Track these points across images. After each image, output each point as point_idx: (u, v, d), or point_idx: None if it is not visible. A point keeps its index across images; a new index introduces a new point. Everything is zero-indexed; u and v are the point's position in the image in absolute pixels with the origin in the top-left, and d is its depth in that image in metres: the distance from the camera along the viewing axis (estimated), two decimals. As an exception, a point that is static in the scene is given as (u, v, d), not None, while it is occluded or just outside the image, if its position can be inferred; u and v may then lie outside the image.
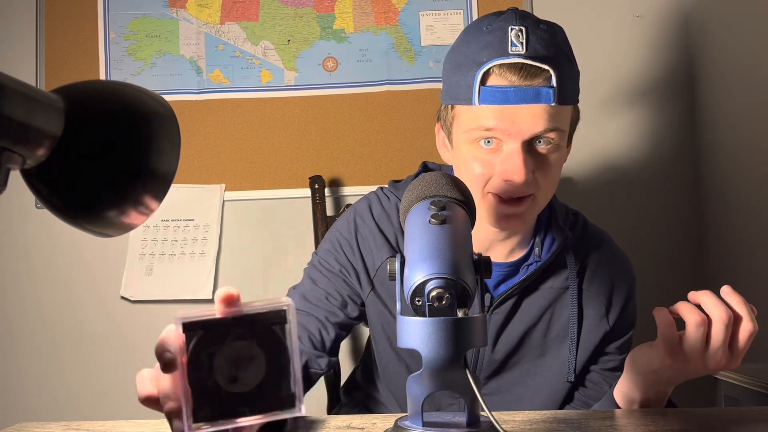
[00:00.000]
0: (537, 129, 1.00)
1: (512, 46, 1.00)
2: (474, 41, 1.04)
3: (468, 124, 1.03)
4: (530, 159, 1.01)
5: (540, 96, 0.99)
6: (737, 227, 1.82)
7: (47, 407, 2.04)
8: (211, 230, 2.05)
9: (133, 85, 0.58)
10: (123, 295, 2.04)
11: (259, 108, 2.08)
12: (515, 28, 1.01)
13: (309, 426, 0.89)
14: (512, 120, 1.00)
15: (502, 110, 1.00)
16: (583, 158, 2.05)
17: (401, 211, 0.83)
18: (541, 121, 1.00)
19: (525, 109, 1.00)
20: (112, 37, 2.09)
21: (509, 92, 0.99)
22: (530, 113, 1.00)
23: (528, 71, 0.99)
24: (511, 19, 1.03)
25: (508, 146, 1.01)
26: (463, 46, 1.06)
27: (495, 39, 1.01)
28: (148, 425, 0.92)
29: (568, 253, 1.15)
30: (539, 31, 1.02)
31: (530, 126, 1.00)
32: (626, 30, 2.07)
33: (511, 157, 1.00)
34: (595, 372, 1.17)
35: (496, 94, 1.00)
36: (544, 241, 1.15)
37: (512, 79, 1.00)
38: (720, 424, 0.85)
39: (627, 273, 1.20)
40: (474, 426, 0.70)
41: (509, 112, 1.00)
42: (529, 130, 1.00)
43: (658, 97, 2.06)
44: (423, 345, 0.66)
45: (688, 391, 1.97)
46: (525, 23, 1.02)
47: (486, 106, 1.00)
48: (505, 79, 1.00)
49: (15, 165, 0.48)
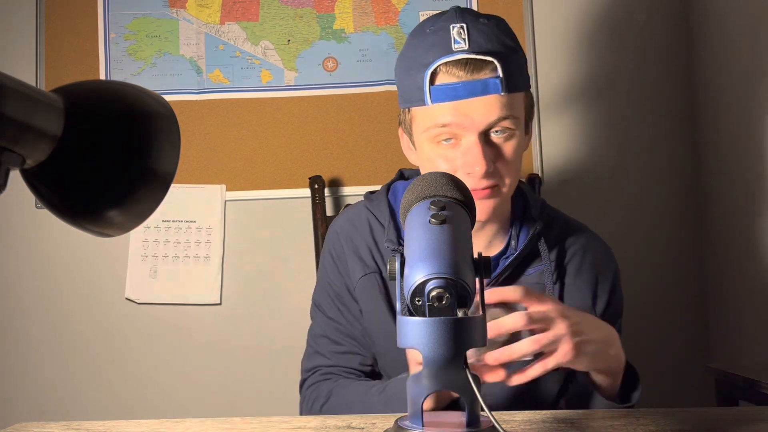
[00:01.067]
0: (491, 119, 1.05)
1: (455, 44, 1.05)
2: (419, 44, 1.09)
3: (425, 123, 1.08)
4: (488, 149, 1.06)
5: (488, 87, 1.04)
6: (737, 227, 1.82)
7: (47, 407, 2.04)
8: (214, 233, 2.05)
9: (133, 85, 0.58)
10: (128, 297, 2.04)
11: (259, 108, 2.08)
12: (456, 26, 1.06)
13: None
14: (465, 113, 1.05)
15: (454, 106, 1.05)
16: (583, 159, 2.05)
17: (401, 211, 0.83)
18: (494, 110, 1.05)
19: (476, 101, 1.04)
20: (112, 37, 2.09)
21: (458, 88, 1.04)
22: (482, 105, 1.04)
23: (473, 65, 1.04)
24: (452, 18, 1.08)
25: (466, 140, 1.06)
26: (410, 51, 1.11)
27: (439, 39, 1.07)
28: (148, 425, 0.92)
29: (540, 243, 1.17)
30: (480, 25, 1.07)
31: (484, 117, 1.05)
32: (626, 31, 2.07)
33: (470, 149, 1.05)
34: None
35: (446, 91, 1.05)
36: (519, 234, 1.18)
37: (459, 74, 1.05)
38: (720, 424, 0.85)
39: (610, 262, 1.22)
40: (474, 426, 0.70)
41: (462, 106, 1.05)
42: (483, 121, 1.05)
43: (657, 97, 2.06)
44: (423, 345, 0.66)
45: (688, 391, 1.98)
46: (465, 20, 1.07)
47: (439, 104, 1.05)
48: (452, 75, 1.05)
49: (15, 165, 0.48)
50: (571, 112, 2.07)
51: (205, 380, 2.04)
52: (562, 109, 2.06)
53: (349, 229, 1.23)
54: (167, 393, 2.04)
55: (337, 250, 1.23)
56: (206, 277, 2.04)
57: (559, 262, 1.18)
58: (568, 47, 2.08)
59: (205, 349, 2.05)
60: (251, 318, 2.05)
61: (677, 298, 2.02)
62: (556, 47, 2.07)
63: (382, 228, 1.20)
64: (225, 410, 2.01)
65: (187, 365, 2.05)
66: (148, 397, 2.04)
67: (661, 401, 1.96)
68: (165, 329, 2.05)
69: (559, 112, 2.06)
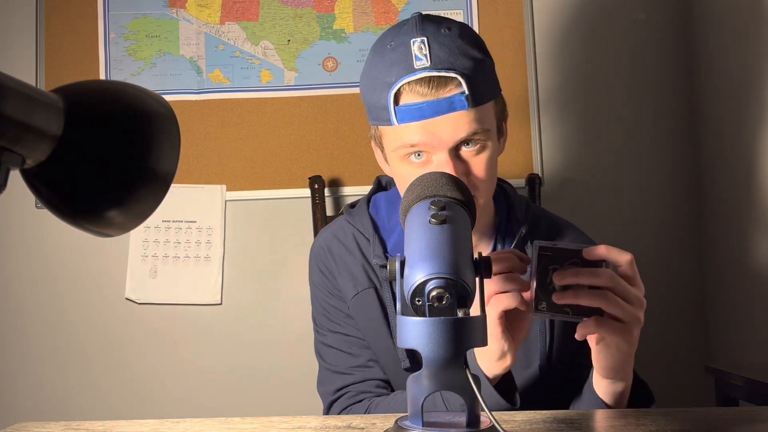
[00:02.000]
0: (459, 136, 1.02)
1: (417, 60, 1.02)
2: (381, 61, 1.06)
3: (394, 143, 1.06)
4: (460, 165, 1.04)
5: (454, 104, 1.01)
6: (737, 227, 1.82)
7: (47, 407, 2.04)
8: (214, 233, 2.05)
9: (133, 85, 0.58)
10: (129, 297, 2.04)
11: (259, 108, 2.08)
12: (417, 41, 1.03)
13: None
14: (433, 132, 1.02)
15: (421, 126, 1.02)
16: (583, 159, 2.05)
17: (401, 211, 0.83)
18: (462, 127, 1.02)
19: (443, 119, 1.02)
20: (112, 37, 2.09)
21: (423, 107, 1.02)
22: (449, 122, 1.02)
23: (437, 83, 1.01)
24: (412, 31, 1.04)
25: (437, 157, 1.04)
26: (372, 68, 1.08)
27: (400, 56, 1.03)
28: (148, 425, 0.92)
29: (527, 246, 1.16)
30: (441, 37, 1.04)
31: (452, 135, 1.02)
32: (626, 31, 2.07)
33: (440, 167, 1.02)
34: (578, 364, 1.16)
35: (411, 111, 1.02)
36: (505, 236, 1.17)
37: (423, 92, 1.02)
38: (720, 424, 0.85)
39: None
40: (474, 426, 0.69)
41: (428, 125, 1.02)
42: (452, 139, 1.02)
43: (657, 97, 2.06)
44: (423, 345, 0.66)
45: (688, 391, 1.97)
46: (426, 33, 1.04)
47: (401, 126, 1.03)
48: (416, 94, 1.02)
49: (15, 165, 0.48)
50: (571, 112, 2.06)
51: (205, 380, 2.04)
52: (562, 109, 2.06)
53: (337, 246, 1.20)
54: (167, 393, 2.04)
55: (328, 266, 1.20)
56: (207, 277, 2.04)
57: None
58: (567, 47, 2.07)
59: (205, 349, 2.05)
60: (251, 318, 2.05)
61: (677, 298, 2.02)
62: (556, 47, 2.07)
63: (369, 242, 1.18)
64: (225, 410, 2.01)
65: (187, 365, 2.05)
66: (148, 397, 2.04)
67: (661, 401, 1.96)
68: (165, 329, 2.05)
69: (559, 112, 2.06)
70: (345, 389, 1.16)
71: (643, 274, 0.90)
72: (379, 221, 1.21)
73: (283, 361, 2.02)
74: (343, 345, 1.18)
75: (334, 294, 1.20)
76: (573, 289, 0.86)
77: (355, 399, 1.15)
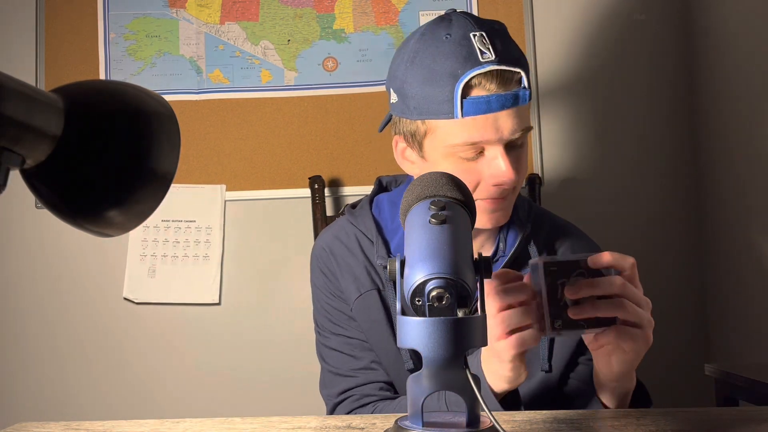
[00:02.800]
0: (517, 131, 1.04)
1: (482, 54, 1.03)
2: (439, 53, 1.04)
3: (451, 140, 1.04)
4: (513, 159, 1.06)
5: (518, 99, 1.04)
6: (737, 227, 1.82)
7: (47, 407, 2.04)
8: (213, 232, 2.05)
9: (133, 85, 0.58)
10: (126, 297, 2.04)
11: (259, 108, 2.08)
12: (477, 34, 1.04)
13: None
14: (496, 127, 1.03)
15: (485, 120, 1.03)
16: (583, 159, 2.05)
17: (401, 211, 0.83)
18: (519, 122, 1.04)
19: (506, 114, 1.03)
20: (112, 37, 2.09)
21: (491, 100, 1.02)
22: (510, 117, 1.04)
23: (504, 77, 1.03)
24: (467, 24, 1.05)
25: (491, 151, 1.04)
26: (427, 59, 1.05)
27: (463, 49, 1.03)
28: (148, 425, 0.92)
29: (530, 245, 1.16)
30: (496, 32, 1.06)
31: (513, 129, 1.04)
32: (626, 31, 2.07)
33: (496, 161, 1.04)
34: (580, 363, 1.17)
35: (479, 104, 1.02)
36: (507, 236, 1.17)
37: (491, 87, 1.02)
38: (720, 424, 0.85)
39: None
40: (474, 426, 0.69)
41: (492, 120, 1.03)
42: (510, 134, 1.04)
43: (657, 96, 2.06)
44: (423, 345, 0.66)
45: (688, 391, 1.97)
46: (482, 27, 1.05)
47: (469, 118, 1.03)
48: (484, 88, 1.03)
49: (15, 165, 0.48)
50: (572, 112, 2.07)
51: (204, 380, 2.04)
52: (562, 109, 2.06)
53: (339, 248, 1.20)
54: (167, 393, 2.04)
55: (330, 268, 1.20)
56: (205, 276, 2.04)
57: None
58: (567, 47, 2.07)
59: (205, 349, 2.05)
60: (251, 318, 2.05)
61: (677, 298, 2.02)
62: (556, 47, 2.07)
63: (371, 243, 1.18)
64: (225, 410, 2.01)
65: (186, 365, 2.05)
66: (147, 397, 2.04)
67: (661, 401, 1.96)
68: (164, 329, 2.05)
69: (560, 112, 2.06)
70: (348, 392, 1.16)
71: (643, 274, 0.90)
72: (382, 222, 1.20)
73: (282, 361, 2.02)
74: (345, 347, 1.18)
75: (336, 296, 1.20)
76: (589, 302, 0.85)
77: (360, 403, 1.14)
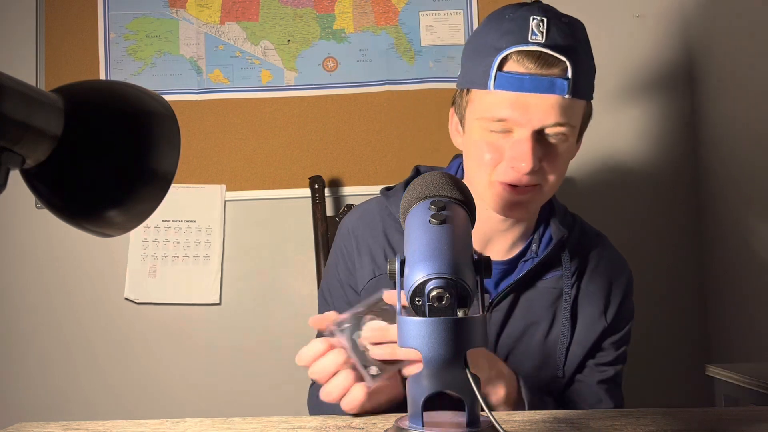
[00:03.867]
0: (548, 121, 1.01)
1: (532, 35, 1.02)
2: (494, 28, 1.05)
3: (481, 112, 1.05)
4: (539, 147, 1.03)
5: (554, 86, 1.01)
6: (737, 227, 1.82)
7: (47, 407, 2.04)
8: (213, 232, 2.05)
9: (133, 85, 0.58)
10: (127, 297, 2.04)
11: (259, 108, 2.08)
12: (537, 18, 1.02)
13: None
14: (525, 109, 1.01)
15: (515, 98, 1.01)
16: (583, 157, 2.05)
17: (401, 210, 0.83)
18: (553, 112, 1.01)
19: (538, 98, 1.01)
20: (112, 37, 2.09)
21: (525, 80, 1.01)
22: (543, 103, 1.01)
23: (545, 60, 1.01)
24: (533, 9, 1.04)
25: (519, 133, 1.03)
26: (483, 33, 1.07)
27: (515, 27, 1.03)
28: (148, 425, 0.91)
29: (563, 252, 1.16)
30: (560, 23, 1.04)
31: (542, 117, 1.01)
32: (626, 30, 2.07)
33: (520, 144, 1.02)
34: (588, 367, 1.18)
35: (512, 80, 1.01)
36: (542, 237, 1.16)
37: (529, 66, 1.01)
38: (720, 424, 0.85)
39: (624, 271, 1.21)
40: (474, 426, 0.69)
41: (522, 99, 1.01)
42: (540, 121, 1.01)
43: (658, 96, 2.06)
44: (423, 345, 0.66)
45: (688, 391, 1.98)
46: (547, 14, 1.04)
47: (500, 92, 1.02)
48: (522, 66, 1.01)
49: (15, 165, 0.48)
50: (571, 112, 2.06)
51: (204, 380, 2.04)
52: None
53: (363, 228, 1.20)
54: (167, 393, 2.04)
55: (348, 249, 1.20)
56: (206, 276, 2.04)
57: (576, 268, 1.17)
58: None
59: (205, 348, 2.05)
60: (251, 318, 2.05)
61: (677, 298, 2.02)
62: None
63: (396, 224, 1.18)
64: (225, 410, 2.01)
65: (186, 365, 2.05)
66: (147, 397, 2.04)
67: (662, 401, 1.96)
68: (164, 329, 2.05)
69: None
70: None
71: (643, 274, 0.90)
72: None
73: (282, 360, 2.01)
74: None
75: (346, 278, 1.20)
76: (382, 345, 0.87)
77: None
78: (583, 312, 1.16)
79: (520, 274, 1.13)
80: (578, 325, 1.15)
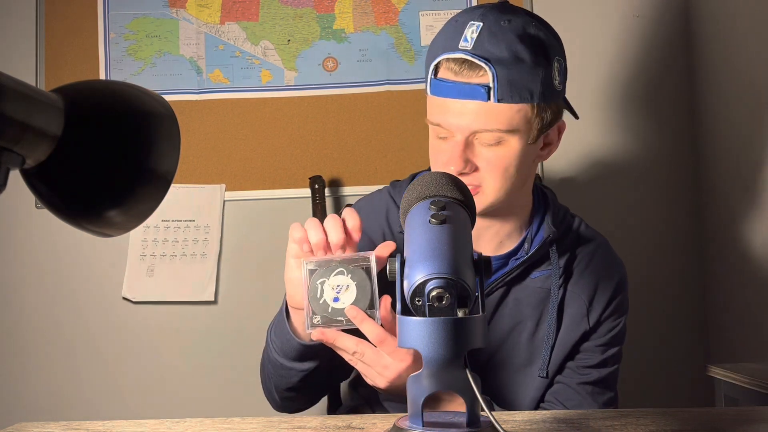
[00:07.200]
0: (472, 126, 1.04)
1: (463, 41, 1.04)
2: (442, 32, 1.10)
3: (427, 117, 1.11)
4: (469, 151, 1.06)
5: (474, 93, 1.03)
6: (737, 227, 1.82)
7: (47, 407, 2.04)
8: (211, 231, 2.05)
9: (132, 85, 0.58)
10: (125, 296, 2.04)
11: (259, 108, 2.08)
12: (474, 24, 1.05)
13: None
14: (450, 115, 1.05)
15: (443, 104, 1.06)
16: (583, 157, 2.05)
17: (401, 210, 0.83)
18: (477, 118, 1.03)
19: (461, 104, 1.04)
20: (112, 37, 2.09)
21: (450, 86, 1.04)
22: (467, 109, 1.04)
23: (468, 67, 1.03)
24: (476, 14, 1.06)
25: (454, 137, 1.06)
26: (436, 36, 1.12)
27: (453, 33, 1.06)
28: (148, 425, 0.92)
29: (551, 250, 1.16)
30: (495, 26, 1.04)
31: (467, 122, 1.04)
32: (626, 30, 2.07)
33: (451, 148, 1.06)
34: (568, 368, 1.17)
35: (440, 86, 1.06)
36: (534, 237, 1.17)
37: (455, 73, 1.04)
38: (720, 424, 0.85)
39: (614, 276, 1.19)
40: (474, 426, 0.70)
41: (448, 106, 1.05)
42: (466, 127, 1.04)
43: (657, 96, 2.06)
44: (423, 345, 0.66)
45: (688, 391, 1.98)
46: (486, 19, 1.05)
47: (434, 98, 1.07)
48: (450, 72, 1.05)
49: (15, 165, 0.48)
50: (571, 112, 2.06)
51: (203, 379, 2.04)
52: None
53: (367, 211, 1.21)
54: (166, 392, 2.04)
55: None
56: (201, 274, 2.04)
57: (566, 267, 1.17)
58: (567, 46, 2.07)
59: (204, 348, 2.05)
60: (249, 317, 2.05)
61: (677, 298, 2.02)
62: (556, 47, 2.06)
63: (399, 209, 1.19)
64: (224, 410, 2.01)
65: (185, 364, 2.05)
66: (147, 397, 2.04)
67: (661, 401, 1.96)
68: (161, 328, 2.05)
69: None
70: None
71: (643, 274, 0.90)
72: None
73: (283, 361, 2.01)
74: None
75: None
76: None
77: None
78: (568, 313, 1.16)
79: (509, 269, 1.14)
80: (563, 326, 1.15)
